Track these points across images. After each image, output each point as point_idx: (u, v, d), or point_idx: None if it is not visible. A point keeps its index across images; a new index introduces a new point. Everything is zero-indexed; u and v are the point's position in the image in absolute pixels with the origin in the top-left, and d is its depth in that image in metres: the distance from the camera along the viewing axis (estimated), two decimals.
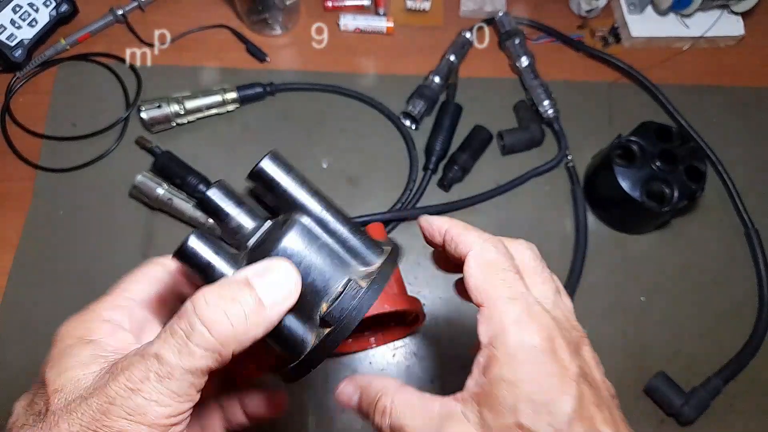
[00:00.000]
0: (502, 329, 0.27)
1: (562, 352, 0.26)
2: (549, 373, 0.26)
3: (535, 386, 0.25)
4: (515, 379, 0.25)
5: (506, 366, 0.26)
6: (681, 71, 0.74)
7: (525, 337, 0.26)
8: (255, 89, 0.66)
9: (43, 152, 0.64)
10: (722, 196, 0.67)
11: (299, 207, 0.28)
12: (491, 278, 0.28)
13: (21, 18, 0.66)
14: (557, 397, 0.25)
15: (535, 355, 0.26)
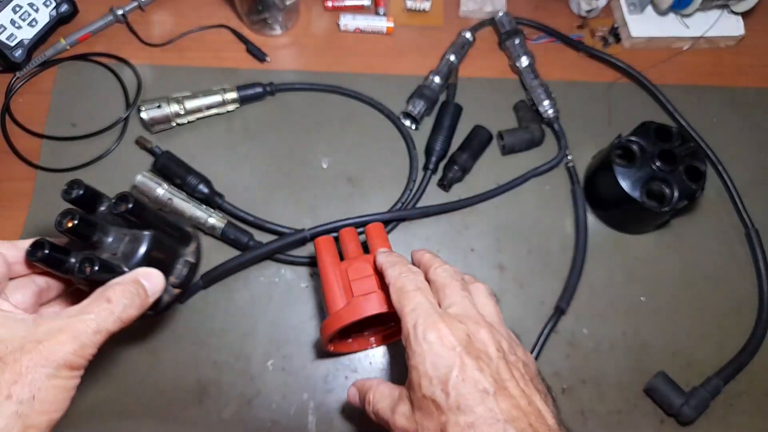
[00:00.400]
0: (407, 333, 0.37)
1: (448, 339, 0.36)
2: (438, 354, 0.35)
3: (429, 366, 0.35)
4: (417, 363, 0.36)
5: (412, 356, 0.37)
6: (681, 71, 0.74)
7: (419, 333, 0.36)
8: (255, 89, 0.66)
9: (43, 152, 0.64)
10: (722, 196, 0.67)
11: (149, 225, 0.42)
12: (400, 299, 0.40)
13: (21, 18, 0.66)
14: (444, 370, 0.35)
15: (428, 344, 0.36)
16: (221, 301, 0.58)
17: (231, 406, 0.54)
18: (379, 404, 0.40)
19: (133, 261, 0.40)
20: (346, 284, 0.47)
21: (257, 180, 0.64)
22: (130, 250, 0.40)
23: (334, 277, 0.48)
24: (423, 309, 0.38)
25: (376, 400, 0.40)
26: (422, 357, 0.35)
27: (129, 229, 0.41)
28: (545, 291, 0.61)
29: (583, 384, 0.58)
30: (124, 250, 0.40)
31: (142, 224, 0.41)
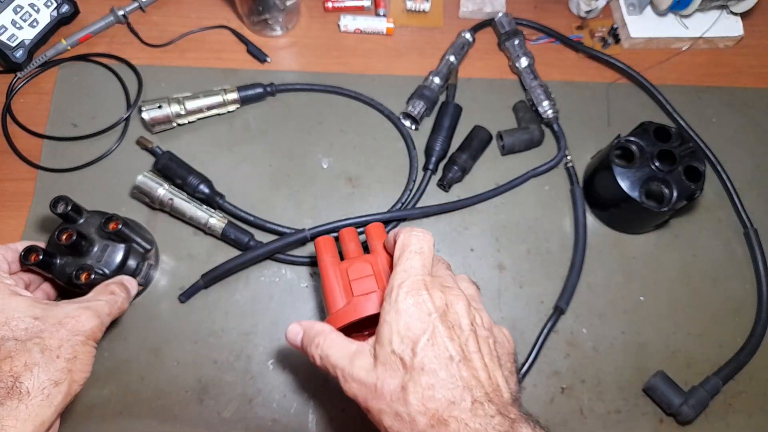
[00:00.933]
0: (391, 288, 0.39)
1: (427, 305, 0.37)
2: (413, 317, 0.37)
3: (402, 324, 0.37)
4: (391, 320, 0.37)
5: (388, 313, 0.38)
6: (680, 72, 0.74)
7: (401, 294, 0.38)
8: (255, 90, 0.66)
9: (44, 152, 0.64)
10: (721, 196, 0.67)
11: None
12: (399, 255, 0.41)
13: (22, 18, 0.66)
14: (417, 332, 0.36)
15: (407, 306, 0.37)
16: (222, 301, 0.59)
17: (232, 405, 0.55)
18: (331, 351, 0.40)
19: (113, 267, 0.52)
20: (346, 284, 0.47)
21: (258, 180, 0.64)
22: (110, 259, 0.53)
23: (334, 277, 0.48)
24: (414, 272, 0.39)
25: (327, 346, 0.40)
26: (398, 315, 0.37)
27: (109, 241, 0.53)
28: (545, 291, 0.61)
29: (582, 383, 0.58)
30: (106, 259, 0.52)
31: (118, 238, 0.53)
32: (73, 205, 0.52)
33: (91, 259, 0.52)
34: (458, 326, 0.37)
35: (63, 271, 0.50)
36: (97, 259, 0.52)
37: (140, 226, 0.59)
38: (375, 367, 0.37)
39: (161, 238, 0.60)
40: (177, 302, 0.58)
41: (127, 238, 0.54)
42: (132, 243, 0.54)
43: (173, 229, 0.61)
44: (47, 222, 0.61)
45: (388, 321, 0.37)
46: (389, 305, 0.38)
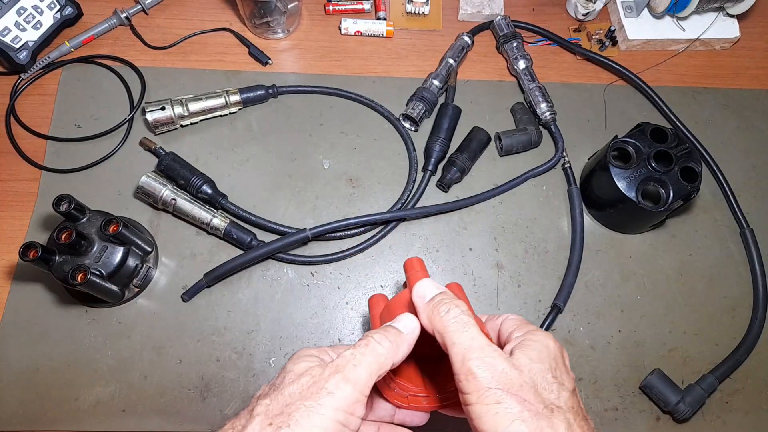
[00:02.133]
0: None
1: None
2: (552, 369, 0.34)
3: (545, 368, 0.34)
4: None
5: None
6: (676, 73, 0.75)
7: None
8: (257, 91, 0.67)
9: (48, 153, 0.65)
10: (717, 197, 0.68)
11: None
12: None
13: (25, 20, 0.67)
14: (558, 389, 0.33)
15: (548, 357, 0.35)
16: (224, 300, 0.59)
17: (234, 403, 0.55)
18: (462, 327, 0.35)
19: (111, 269, 0.53)
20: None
21: (259, 180, 0.65)
22: (108, 260, 0.53)
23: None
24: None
25: (463, 319, 0.35)
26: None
27: (108, 242, 0.53)
28: (542, 289, 0.62)
29: (579, 381, 0.59)
30: (104, 260, 0.53)
31: (118, 240, 0.53)
32: (76, 204, 0.52)
33: (89, 259, 0.52)
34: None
35: (60, 269, 0.51)
36: (95, 260, 0.53)
37: (141, 228, 0.60)
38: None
39: (164, 238, 0.61)
40: (180, 301, 0.59)
41: (127, 240, 0.54)
42: (131, 245, 0.55)
43: (176, 229, 0.62)
44: (50, 222, 0.61)
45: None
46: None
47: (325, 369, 0.35)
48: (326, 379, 0.34)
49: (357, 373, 0.34)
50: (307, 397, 0.33)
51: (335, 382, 0.33)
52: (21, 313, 0.58)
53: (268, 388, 0.36)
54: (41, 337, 0.57)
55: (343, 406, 0.33)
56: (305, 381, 0.34)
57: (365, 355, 0.35)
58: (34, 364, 0.56)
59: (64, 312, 0.58)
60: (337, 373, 0.34)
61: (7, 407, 0.54)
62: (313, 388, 0.34)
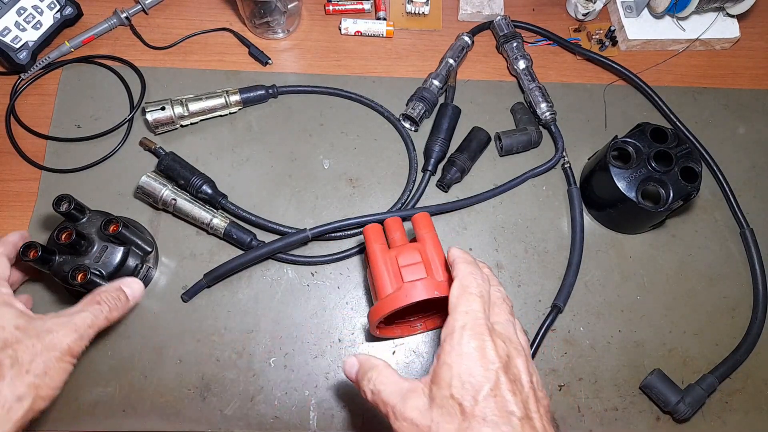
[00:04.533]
0: (453, 330, 0.38)
1: (490, 352, 0.36)
2: (476, 364, 0.36)
3: (464, 369, 0.36)
4: (452, 362, 0.36)
5: (449, 354, 0.37)
6: (676, 73, 0.75)
7: (465, 337, 0.37)
8: (258, 91, 0.67)
9: (48, 153, 0.65)
10: (717, 197, 0.68)
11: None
12: (459, 296, 0.40)
13: (25, 20, 0.67)
14: (479, 379, 0.35)
15: (469, 349, 0.36)
16: (224, 300, 0.59)
17: (234, 403, 0.55)
18: (383, 387, 0.39)
19: (111, 269, 0.52)
20: (396, 270, 0.48)
21: (260, 181, 0.65)
22: (108, 260, 0.53)
23: (383, 264, 0.49)
24: (475, 315, 0.38)
25: (380, 382, 0.39)
26: (459, 359, 0.36)
27: (108, 242, 0.53)
28: (542, 290, 0.62)
29: (579, 381, 0.59)
30: (104, 260, 0.52)
31: (118, 240, 0.53)
32: (76, 204, 0.52)
33: (89, 259, 0.52)
34: (519, 382, 0.37)
35: (60, 270, 0.51)
36: (95, 260, 0.52)
37: (141, 228, 0.60)
38: (430, 409, 0.36)
39: (164, 238, 0.61)
40: (180, 301, 0.59)
41: (127, 240, 0.54)
42: (131, 245, 0.55)
43: (176, 229, 0.62)
44: (50, 222, 0.61)
45: (448, 363, 0.36)
46: (450, 346, 0.37)
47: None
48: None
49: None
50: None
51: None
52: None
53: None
54: None
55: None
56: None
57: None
58: None
59: None
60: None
61: None
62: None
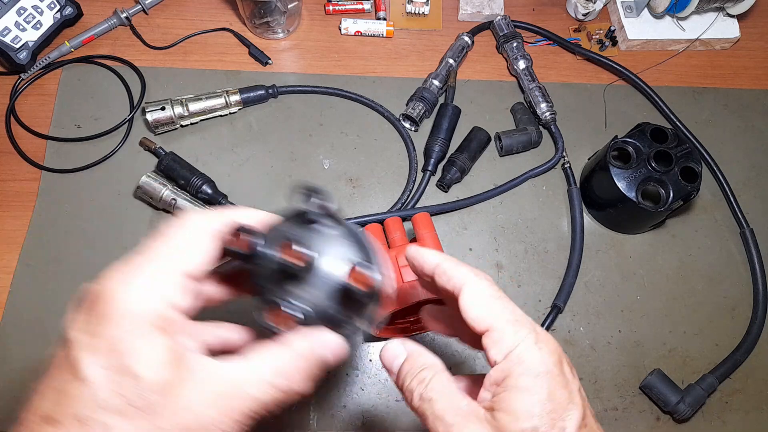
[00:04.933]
0: (516, 347, 0.29)
1: (568, 370, 0.30)
2: (560, 385, 0.29)
3: (546, 395, 0.28)
4: (530, 387, 0.28)
5: (522, 377, 0.29)
6: (676, 73, 0.75)
7: (537, 354, 0.29)
8: (258, 91, 0.67)
9: (48, 153, 0.65)
10: (717, 197, 0.68)
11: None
12: (492, 306, 0.31)
13: (25, 20, 0.67)
14: (567, 406, 0.28)
15: (548, 370, 0.29)
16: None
17: None
18: (437, 397, 0.30)
19: (316, 313, 0.30)
20: (396, 271, 0.48)
21: (260, 181, 0.65)
22: (321, 300, 0.30)
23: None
24: (533, 326, 0.31)
25: (434, 389, 0.30)
26: (537, 382, 0.28)
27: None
28: (542, 289, 0.62)
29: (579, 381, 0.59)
30: (317, 295, 0.30)
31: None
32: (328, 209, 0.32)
33: (301, 288, 0.30)
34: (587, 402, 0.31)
35: (256, 286, 0.31)
36: (306, 291, 0.30)
37: None
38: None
39: None
40: None
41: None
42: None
43: None
44: (51, 222, 0.61)
45: (522, 387, 0.28)
46: (518, 367, 0.29)
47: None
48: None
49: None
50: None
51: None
52: (21, 313, 0.58)
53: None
54: (41, 337, 0.57)
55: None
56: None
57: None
58: (35, 364, 0.56)
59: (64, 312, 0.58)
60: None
61: (7, 407, 0.54)
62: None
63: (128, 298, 0.27)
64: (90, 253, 0.60)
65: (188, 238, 0.29)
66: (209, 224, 0.30)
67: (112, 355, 0.25)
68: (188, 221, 0.30)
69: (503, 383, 0.29)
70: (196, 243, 0.29)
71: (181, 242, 0.29)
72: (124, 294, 0.27)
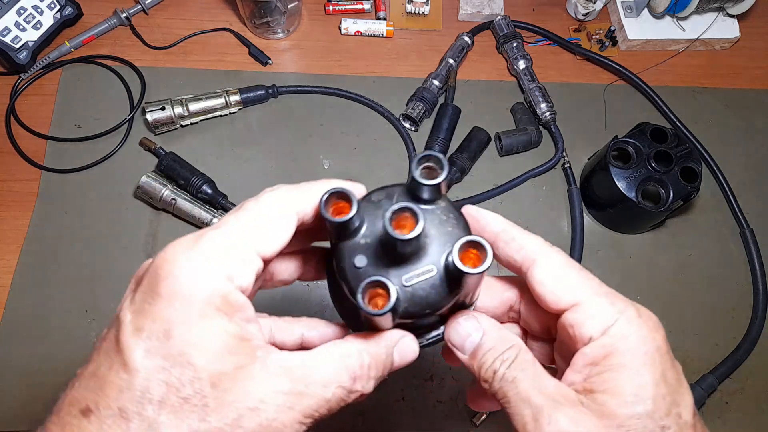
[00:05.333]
0: (616, 321, 0.26)
1: (669, 350, 0.26)
2: (669, 366, 0.25)
3: (659, 375, 0.25)
4: (639, 366, 0.25)
5: (629, 355, 0.25)
6: (676, 73, 0.75)
7: (644, 329, 0.26)
8: (258, 92, 0.67)
9: (48, 153, 0.65)
10: (717, 197, 0.68)
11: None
12: (576, 277, 0.27)
13: (26, 21, 0.67)
14: (679, 390, 0.25)
15: (657, 346, 0.25)
16: None
17: None
18: (523, 376, 0.26)
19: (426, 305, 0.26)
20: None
21: (260, 181, 0.65)
22: (427, 291, 0.26)
23: None
24: (625, 300, 0.27)
25: (519, 368, 0.26)
26: (646, 362, 0.25)
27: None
28: None
29: None
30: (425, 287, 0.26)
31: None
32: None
33: (401, 268, 0.26)
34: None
35: (343, 263, 0.27)
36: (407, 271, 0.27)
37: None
38: (605, 429, 0.24)
39: (164, 239, 0.61)
40: None
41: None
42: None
43: (176, 229, 0.61)
44: (51, 221, 0.61)
45: (630, 366, 0.25)
46: (622, 343, 0.25)
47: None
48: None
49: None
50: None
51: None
52: (21, 313, 0.58)
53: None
54: (41, 337, 0.57)
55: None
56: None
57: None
58: (34, 364, 0.56)
59: (64, 312, 0.58)
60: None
61: (7, 407, 0.54)
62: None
63: (189, 273, 0.23)
64: (89, 254, 0.60)
65: (266, 214, 0.26)
66: (289, 200, 0.26)
67: (165, 340, 0.22)
68: (266, 197, 0.26)
69: (603, 362, 0.25)
70: (274, 220, 0.26)
71: (257, 218, 0.25)
72: (184, 269, 0.23)
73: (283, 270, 0.31)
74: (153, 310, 0.23)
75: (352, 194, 0.25)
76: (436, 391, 0.57)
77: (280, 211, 0.26)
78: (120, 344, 0.22)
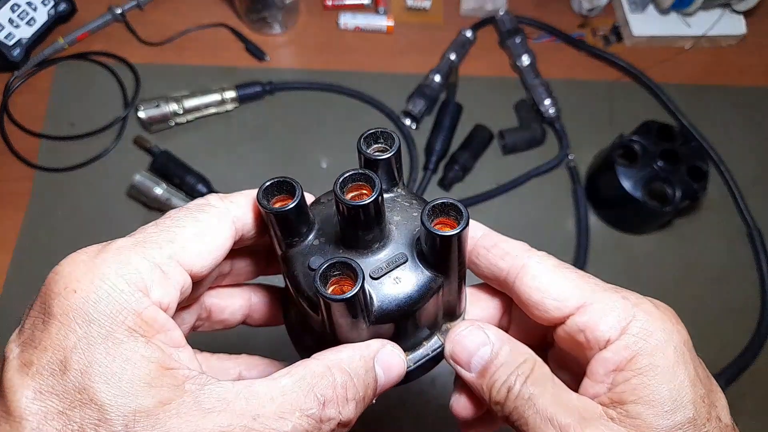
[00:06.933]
0: (634, 318, 0.23)
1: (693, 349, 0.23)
2: (699, 363, 0.23)
3: (694, 374, 0.22)
4: (670, 367, 0.22)
5: (658, 355, 0.22)
6: (682, 70, 0.74)
7: (668, 323, 0.23)
8: (254, 88, 0.66)
9: (41, 152, 0.64)
10: (724, 196, 0.67)
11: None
12: (576, 277, 0.25)
13: (19, 17, 0.66)
14: (713, 389, 0.23)
15: (685, 340, 0.23)
16: None
17: None
18: (540, 392, 0.23)
19: (401, 302, 0.23)
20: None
21: (256, 180, 0.63)
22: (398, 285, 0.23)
23: None
24: (638, 297, 0.26)
25: (536, 382, 0.23)
26: (679, 361, 0.23)
27: (420, 259, 0.24)
28: None
29: None
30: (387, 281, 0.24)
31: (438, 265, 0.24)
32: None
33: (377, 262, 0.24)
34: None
35: (296, 270, 0.24)
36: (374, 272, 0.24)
37: None
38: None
39: None
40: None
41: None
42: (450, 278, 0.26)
43: None
44: (46, 221, 0.60)
45: (661, 366, 0.22)
46: (646, 343, 0.23)
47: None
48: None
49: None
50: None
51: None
52: (13, 315, 0.56)
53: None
54: None
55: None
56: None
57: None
58: None
59: None
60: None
61: None
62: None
63: (89, 287, 0.19)
64: None
65: (193, 218, 0.22)
66: (223, 204, 0.23)
67: (61, 374, 0.17)
68: (194, 201, 0.23)
69: (629, 366, 0.22)
70: (204, 226, 0.22)
71: (181, 223, 0.22)
72: (83, 281, 0.19)
73: (225, 306, 0.27)
74: (44, 336, 0.18)
75: (295, 180, 0.22)
76: (438, 397, 0.56)
77: (210, 215, 0.22)
78: (3, 387, 0.18)
